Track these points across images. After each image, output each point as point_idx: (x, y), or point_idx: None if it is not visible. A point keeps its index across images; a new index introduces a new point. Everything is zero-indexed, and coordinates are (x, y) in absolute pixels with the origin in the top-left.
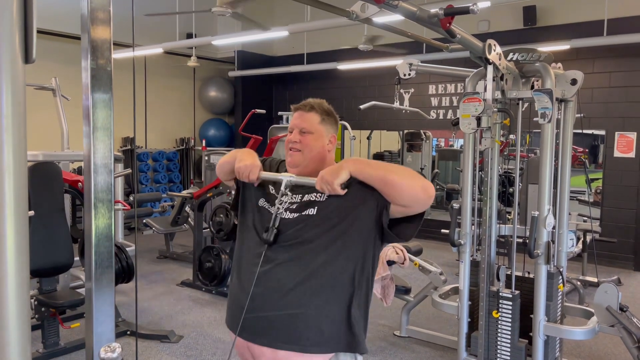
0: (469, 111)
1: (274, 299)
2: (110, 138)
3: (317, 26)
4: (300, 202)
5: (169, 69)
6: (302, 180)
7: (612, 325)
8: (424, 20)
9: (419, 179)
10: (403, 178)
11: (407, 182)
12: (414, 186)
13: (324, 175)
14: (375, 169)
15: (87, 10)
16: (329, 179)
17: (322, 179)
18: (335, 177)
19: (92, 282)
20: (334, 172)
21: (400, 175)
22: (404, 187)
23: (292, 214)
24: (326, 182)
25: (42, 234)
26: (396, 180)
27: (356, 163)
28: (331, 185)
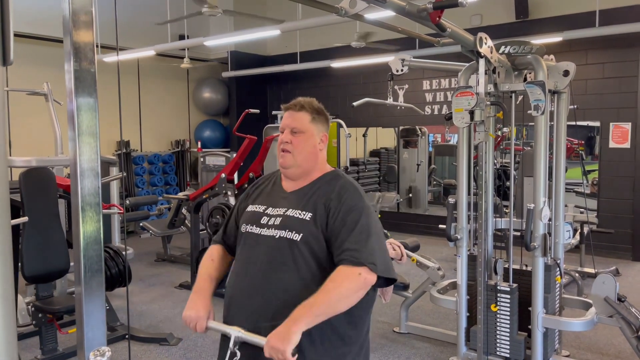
0: (462, 105)
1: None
2: (97, 141)
3: (309, 24)
4: (283, 215)
5: (162, 71)
6: (251, 339)
7: (611, 316)
8: (413, 15)
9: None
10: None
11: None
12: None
13: (275, 344)
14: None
15: (69, 13)
16: (280, 347)
17: (272, 348)
18: (287, 344)
19: (82, 287)
20: (285, 338)
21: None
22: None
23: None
24: (277, 350)
25: (37, 239)
26: (343, 307)
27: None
28: (283, 354)
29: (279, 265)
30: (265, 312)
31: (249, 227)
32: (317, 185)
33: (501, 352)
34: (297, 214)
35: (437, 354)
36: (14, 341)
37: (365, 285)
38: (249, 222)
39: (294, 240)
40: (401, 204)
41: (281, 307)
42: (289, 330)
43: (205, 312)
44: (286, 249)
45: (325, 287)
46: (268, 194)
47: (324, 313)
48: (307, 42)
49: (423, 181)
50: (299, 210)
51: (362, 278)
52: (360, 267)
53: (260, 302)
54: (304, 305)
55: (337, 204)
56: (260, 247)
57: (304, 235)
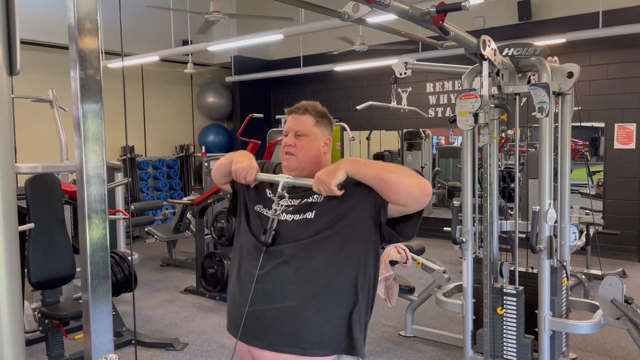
0: (466, 108)
1: (273, 302)
2: (102, 148)
3: (311, 28)
4: (298, 204)
5: (166, 76)
6: (299, 181)
7: (618, 318)
8: (416, 19)
9: (416, 177)
10: (400, 177)
11: (404, 180)
12: (411, 184)
13: (321, 176)
14: (372, 168)
15: (74, 20)
16: (325, 179)
17: (318, 179)
18: (332, 178)
19: (89, 293)
20: (330, 172)
21: (397, 174)
22: (401, 186)
23: (290, 216)
24: (323, 182)
25: (43, 246)
26: (393, 179)
27: (352, 163)
28: (328, 185)
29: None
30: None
31: (262, 210)
32: None
33: (508, 356)
34: (301, 216)
35: (444, 358)
36: (21, 347)
37: (424, 184)
38: (263, 205)
39: (309, 219)
40: None
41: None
42: (336, 166)
43: (256, 165)
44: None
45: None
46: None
47: (374, 173)
48: (310, 46)
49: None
50: (302, 212)
51: (424, 180)
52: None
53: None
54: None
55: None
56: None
57: (316, 212)
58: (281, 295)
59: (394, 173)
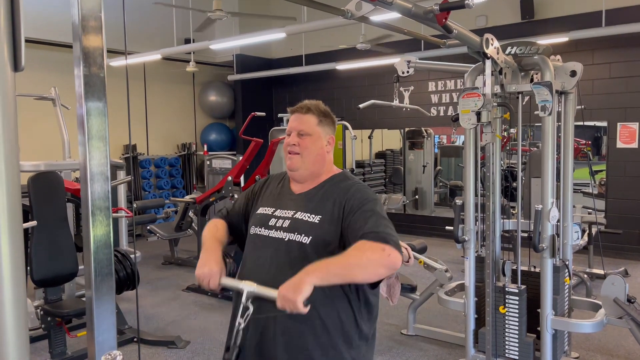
0: (469, 106)
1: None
2: (106, 145)
3: (314, 27)
4: (292, 218)
5: (168, 75)
6: (263, 292)
7: (621, 317)
8: (419, 17)
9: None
10: (367, 271)
11: (372, 270)
12: (379, 272)
13: (286, 294)
14: (339, 274)
15: (78, 19)
16: (291, 297)
17: (284, 297)
18: (298, 294)
19: (92, 291)
20: (296, 289)
21: (364, 269)
22: (370, 276)
23: (284, 233)
24: (288, 300)
25: (45, 243)
26: (361, 276)
27: (317, 273)
28: (294, 304)
29: (288, 268)
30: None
31: (257, 230)
32: (325, 187)
33: (510, 354)
34: (305, 217)
35: (445, 356)
36: (26, 344)
37: (388, 263)
38: (257, 225)
39: (303, 243)
40: (407, 205)
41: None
42: (301, 281)
43: (218, 269)
44: (295, 252)
45: (347, 252)
46: (277, 195)
47: (339, 274)
48: (312, 44)
49: (429, 183)
50: (307, 213)
51: (387, 254)
52: (385, 244)
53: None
54: (321, 261)
55: (350, 199)
56: (268, 249)
57: (313, 238)
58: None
59: (360, 268)
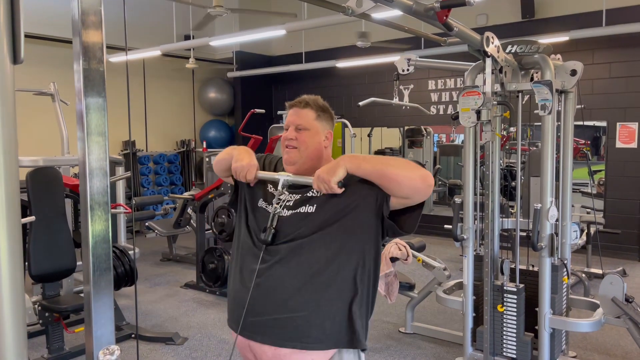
0: (469, 105)
1: (274, 298)
2: (105, 140)
3: (314, 24)
4: (298, 199)
5: (168, 71)
6: (299, 179)
7: (618, 317)
8: (420, 14)
9: (417, 170)
10: (401, 170)
11: (405, 173)
12: (413, 177)
13: (321, 174)
14: (372, 163)
15: (78, 13)
16: (325, 177)
17: (318, 177)
18: (332, 175)
19: (91, 286)
20: (330, 170)
21: (398, 167)
22: (403, 179)
23: (289, 211)
24: (323, 180)
25: (44, 239)
26: (394, 173)
27: (352, 159)
28: (328, 184)
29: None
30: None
31: (264, 205)
32: None
33: (508, 353)
34: (302, 209)
35: (443, 354)
36: (23, 340)
37: (426, 176)
38: (265, 199)
39: (309, 213)
40: None
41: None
42: (337, 164)
43: (256, 162)
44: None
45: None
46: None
47: (374, 167)
48: (312, 42)
49: None
50: (303, 207)
51: (425, 171)
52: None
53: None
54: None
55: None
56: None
57: (317, 207)
58: (281, 290)
59: (394, 167)
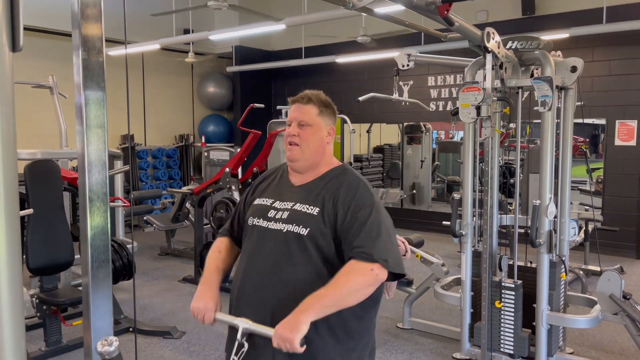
0: (469, 100)
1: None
2: (105, 132)
3: (314, 18)
4: (291, 209)
5: (167, 65)
6: (258, 329)
7: (616, 313)
8: (421, 9)
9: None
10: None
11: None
12: (367, 292)
13: (283, 333)
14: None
15: (78, 6)
16: (288, 336)
17: (280, 337)
18: (296, 333)
19: (89, 277)
20: (293, 327)
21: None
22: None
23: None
24: (285, 339)
25: (41, 232)
26: (351, 301)
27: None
28: (291, 343)
29: (286, 259)
30: (271, 306)
31: (255, 220)
32: (325, 180)
33: (505, 349)
34: (304, 208)
35: (441, 350)
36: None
37: (376, 281)
38: (255, 215)
39: (300, 235)
40: (405, 200)
41: (288, 301)
42: (298, 320)
43: (213, 304)
44: (293, 243)
45: (336, 280)
46: (275, 187)
47: (334, 305)
48: (312, 37)
49: (427, 178)
50: (306, 205)
51: (374, 274)
52: (373, 263)
53: (266, 296)
54: (314, 295)
55: (347, 201)
56: (267, 240)
57: (310, 230)
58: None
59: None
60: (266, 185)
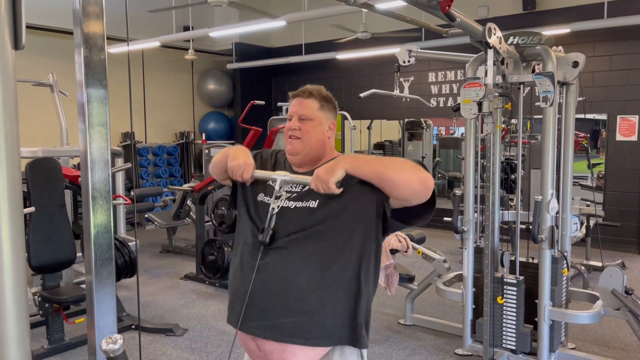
0: (470, 96)
1: (275, 293)
2: (107, 129)
3: (314, 15)
4: (301, 190)
5: (167, 62)
6: (296, 179)
7: (618, 309)
8: (422, 4)
9: (416, 172)
10: (400, 173)
11: (404, 177)
12: (412, 180)
13: (319, 174)
14: (371, 165)
15: (79, 4)
16: (324, 177)
17: (317, 177)
18: (331, 175)
19: (92, 275)
20: (329, 169)
21: (397, 170)
22: (401, 183)
23: (293, 203)
24: (321, 180)
25: (43, 230)
26: (393, 176)
27: (352, 160)
28: (327, 183)
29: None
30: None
31: (265, 198)
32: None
33: (507, 345)
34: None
35: (443, 346)
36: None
37: (425, 178)
38: (265, 193)
39: (311, 208)
40: None
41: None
42: (336, 163)
43: (252, 161)
44: (304, 216)
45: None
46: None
47: (373, 168)
48: (312, 33)
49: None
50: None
51: (424, 172)
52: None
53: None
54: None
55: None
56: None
57: (320, 201)
58: (283, 285)
59: (393, 169)
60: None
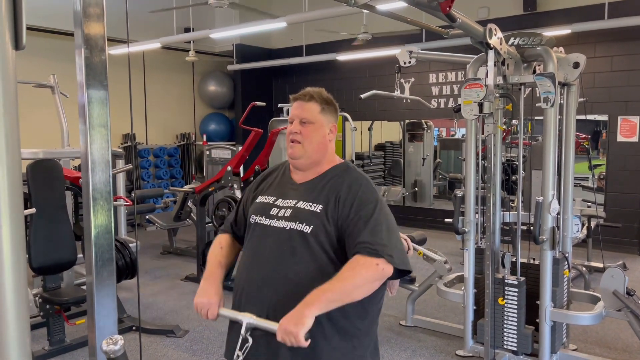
0: (471, 97)
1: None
2: (108, 131)
3: (315, 16)
4: (294, 207)
5: (168, 64)
6: (262, 324)
7: (619, 310)
8: (423, 5)
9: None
10: (362, 289)
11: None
12: (372, 287)
13: (287, 327)
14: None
15: (80, 5)
16: (293, 330)
17: (285, 330)
18: (300, 328)
19: (93, 276)
20: (297, 321)
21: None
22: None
23: (285, 222)
24: (289, 333)
25: (44, 231)
26: (356, 296)
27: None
28: (296, 337)
29: (289, 256)
30: (274, 304)
31: (257, 218)
32: (327, 178)
33: (508, 346)
34: (307, 206)
35: (444, 347)
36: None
37: (382, 276)
38: (258, 213)
39: (304, 232)
40: (406, 197)
41: (291, 299)
42: (302, 314)
43: (217, 299)
44: (296, 241)
45: (341, 275)
46: (277, 184)
47: (338, 300)
48: (313, 35)
49: (428, 175)
50: (309, 202)
51: (380, 268)
52: (378, 258)
53: (270, 294)
54: (319, 289)
55: (350, 198)
56: (269, 238)
57: (314, 228)
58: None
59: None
60: (268, 183)
